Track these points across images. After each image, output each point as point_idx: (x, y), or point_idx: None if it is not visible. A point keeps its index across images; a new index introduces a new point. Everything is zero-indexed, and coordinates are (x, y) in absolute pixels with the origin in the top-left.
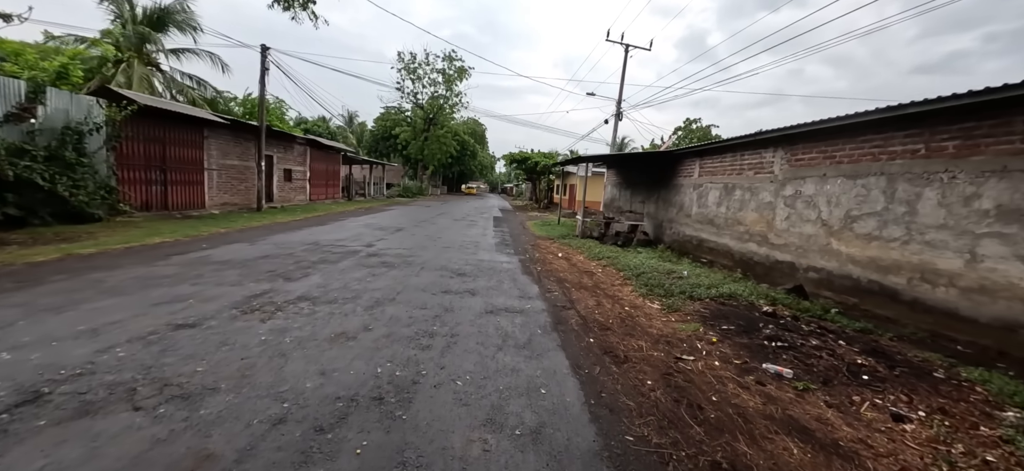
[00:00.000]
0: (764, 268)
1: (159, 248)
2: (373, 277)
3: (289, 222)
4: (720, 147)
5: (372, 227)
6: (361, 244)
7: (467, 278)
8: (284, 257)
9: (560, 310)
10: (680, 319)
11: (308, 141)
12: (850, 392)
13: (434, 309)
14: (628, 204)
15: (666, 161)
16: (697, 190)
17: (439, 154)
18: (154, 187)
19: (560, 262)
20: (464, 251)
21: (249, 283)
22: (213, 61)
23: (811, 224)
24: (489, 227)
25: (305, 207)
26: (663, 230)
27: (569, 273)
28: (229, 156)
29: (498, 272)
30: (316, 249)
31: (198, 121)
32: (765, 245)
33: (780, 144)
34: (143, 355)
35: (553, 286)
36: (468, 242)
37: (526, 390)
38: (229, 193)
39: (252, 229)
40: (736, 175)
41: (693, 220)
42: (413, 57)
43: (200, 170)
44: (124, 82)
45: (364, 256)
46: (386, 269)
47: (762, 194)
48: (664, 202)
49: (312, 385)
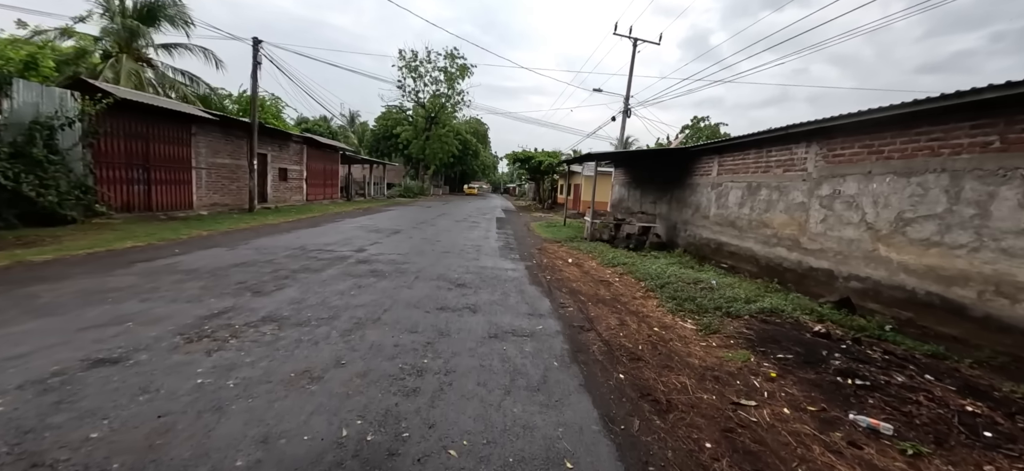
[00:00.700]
0: (795, 275)
1: (125, 254)
2: (358, 290)
3: (279, 224)
4: (743, 143)
5: (367, 230)
6: (352, 249)
7: (467, 290)
8: (261, 265)
9: (578, 332)
10: (722, 343)
11: (304, 139)
12: (977, 458)
13: (426, 333)
14: (638, 205)
15: (680, 159)
16: (716, 190)
17: (441, 153)
18: (136, 186)
19: (571, 269)
20: (465, 257)
21: (210, 299)
22: (206, 57)
23: (853, 227)
24: (492, 229)
25: (300, 208)
26: (677, 232)
27: (583, 283)
28: (219, 154)
29: (503, 282)
30: (300, 255)
31: (185, 117)
32: (797, 250)
33: (814, 138)
34: (27, 411)
35: (566, 299)
36: (469, 246)
37: (544, 463)
38: (219, 193)
39: (237, 232)
40: (762, 173)
41: (711, 222)
42: (414, 55)
43: (187, 169)
44: (112, 77)
45: (352, 263)
46: (375, 279)
47: (792, 194)
48: (678, 203)
49: (244, 464)
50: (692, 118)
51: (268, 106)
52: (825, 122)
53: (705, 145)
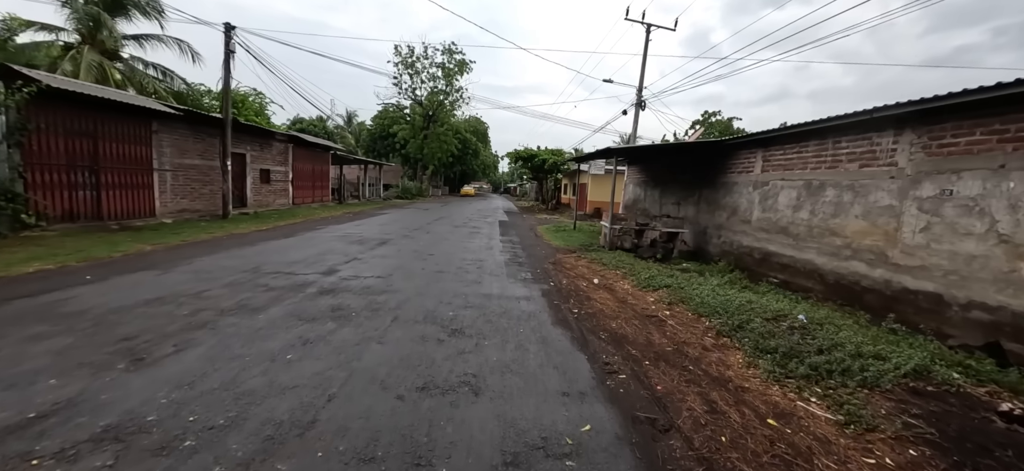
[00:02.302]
0: (880, 298)
1: (16, 284)
2: (302, 349)
3: (249, 234)
4: (798, 133)
5: (349, 240)
6: (320, 270)
7: (465, 342)
8: (182, 302)
9: (652, 437)
10: (892, 451)
11: (289, 138)
12: None
13: (392, 456)
14: (657, 207)
15: (711, 154)
16: (760, 190)
17: (439, 153)
18: (82, 192)
19: (601, 295)
20: (463, 278)
21: (48, 380)
22: (182, 49)
23: (976, 239)
24: (495, 236)
25: (283, 213)
26: (707, 239)
27: (624, 320)
28: (188, 154)
29: (515, 323)
30: (246, 282)
31: (143, 112)
32: (882, 265)
33: (908, 125)
34: None
35: (612, 354)
36: (469, 261)
37: None
38: (189, 197)
39: (190, 246)
40: (826, 169)
41: (754, 228)
42: (411, 50)
43: (148, 171)
44: (71, 71)
45: (312, 295)
46: (334, 326)
47: (875, 194)
48: (708, 204)
49: None
50: (703, 113)
51: (249, 102)
52: (925, 104)
53: (744, 137)
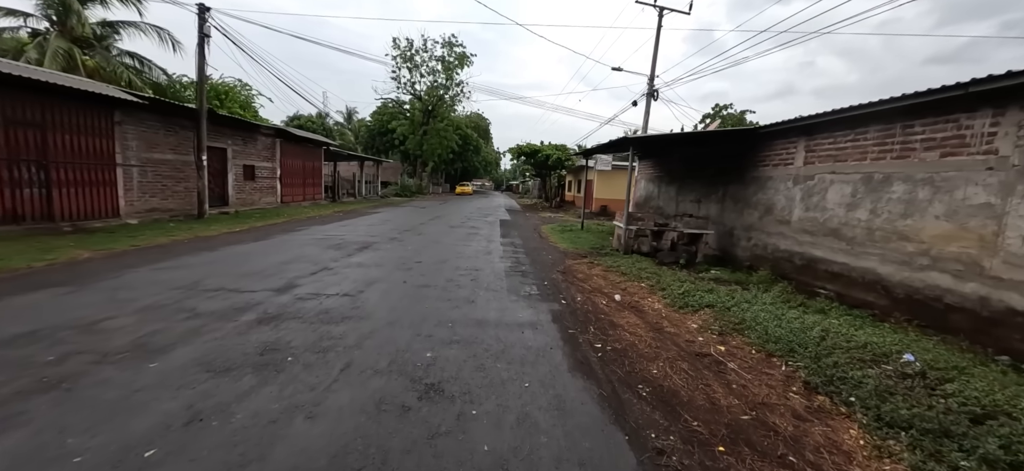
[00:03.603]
0: (973, 319)
1: None
2: (180, 434)
3: (216, 236)
4: (853, 117)
5: (327, 244)
6: (276, 285)
7: (443, 408)
8: (63, 337)
9: None
10: None
11: (277, 132)
12: None
13: None
14: (673, 204)
15: (740, 145)
16: (802, 185)
17: (439, 149)
18: (28, 190)
19: (627, 318)
20: (453, 295)
21: None
22: (162, 38)
23: None
24: (495, 237)
25: (268, 212)
26: (734, 241)
27: (667, 361)
28: (158, 148)
29: (518, 367)
30: (171, 305)
31: (103, 100)
32: (975, 278)
33: (1014, 100)
34: None
35: (662, 428)
36: (463, 270)
37: None
38: (160, 195)
39: (137, 253)
40: (894, 159)
41: (794, 229)
42: (410, 43)
43: (110, 166)
44: (35, 59)
45: (248, 323)
46: (255, 379)
47: (963, 190)
48: (735, 202)
49: None
50: (714, 106)
51: (234, 93)
52: None
53: (783, 124)
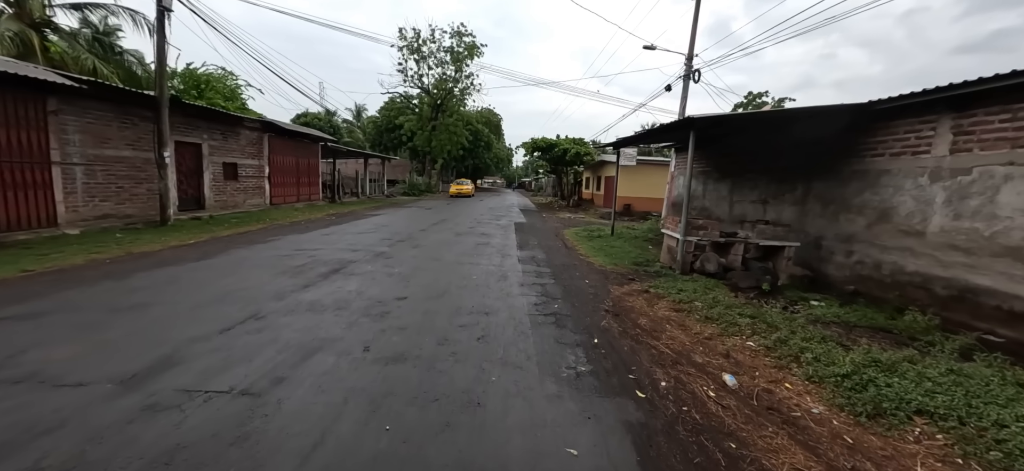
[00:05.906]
0: None
1: None
2: None
3: (158, 252)
4: None
5: (287, 267)
6: (139, 363)
7: None
8: None
9: None
10: None
11: (265, 126)
12: None
13: None
14: (724, 206)
15: (835, 127)
16: (946, 182)
17: (449, 145)
18: None
19: (776, 440)
20: (446, 386)
21: None
22: (136, 22)
23: None
24: (510, 249)
25: (252, 215)
26: (824, 256)
27: None
28: (111, 143)
29: None
30: None
31: (28, 84)
32: None
33: None
34: None
35: None
36: (466, 315)
37: None
38: (114, 199)
39: (17, 282)
40: None
41: (931, 244)
42: (417, 34)
43: (44, 164)
44: None
45: None
46: None
47: None
48: (823, 204)
49: None
50: (747, 94)
51: (216, 82)
52: None
53: (910, 96)
